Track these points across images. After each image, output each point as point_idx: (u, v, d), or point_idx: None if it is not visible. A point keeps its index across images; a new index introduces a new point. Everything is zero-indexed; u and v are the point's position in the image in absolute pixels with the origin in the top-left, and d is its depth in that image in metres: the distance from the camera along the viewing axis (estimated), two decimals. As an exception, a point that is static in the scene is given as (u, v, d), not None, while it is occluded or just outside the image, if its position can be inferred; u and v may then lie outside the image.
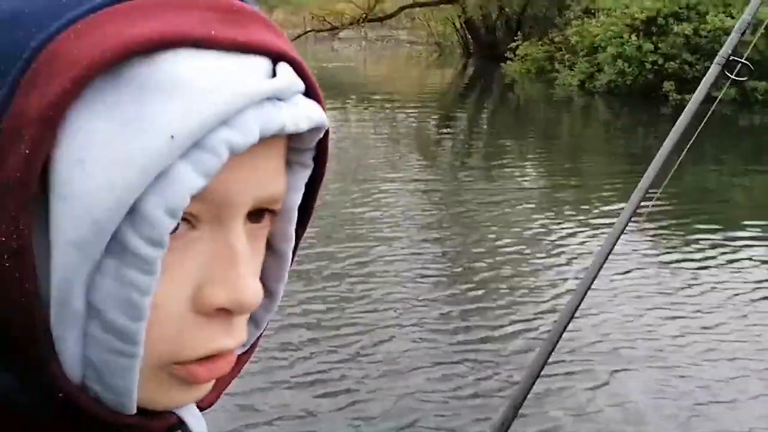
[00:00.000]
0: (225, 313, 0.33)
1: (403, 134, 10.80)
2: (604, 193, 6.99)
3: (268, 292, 0.38)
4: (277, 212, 0.36)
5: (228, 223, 0.33)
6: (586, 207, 6.46)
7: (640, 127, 11.32)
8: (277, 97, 0.32)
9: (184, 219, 0.31)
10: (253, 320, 0.38)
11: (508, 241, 5.37)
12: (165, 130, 0.29)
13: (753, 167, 8.57)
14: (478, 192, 6.97)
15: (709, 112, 1.76)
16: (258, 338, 0.39)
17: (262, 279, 0.36)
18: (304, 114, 0.33)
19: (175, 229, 0.31)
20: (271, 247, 0.37)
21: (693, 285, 4.60)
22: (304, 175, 0.36)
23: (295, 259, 0.39)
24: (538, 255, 5.05)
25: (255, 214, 0.34)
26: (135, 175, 0.29)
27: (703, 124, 1.80)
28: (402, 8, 22.20)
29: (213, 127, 0.30)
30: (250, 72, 0.32)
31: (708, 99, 1.78)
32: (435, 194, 6.83)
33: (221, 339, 0.33)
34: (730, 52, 1.76)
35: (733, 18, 10.84)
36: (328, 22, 21.31)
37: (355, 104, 13.86)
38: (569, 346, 3.64)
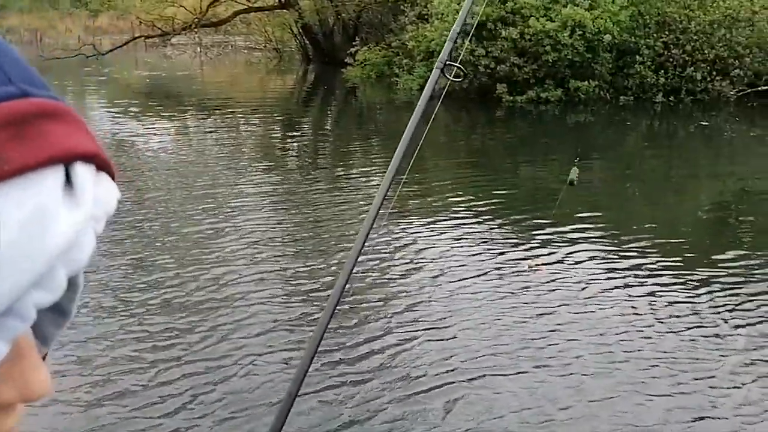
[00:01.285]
0: (13, 404, 0.31)
1: (247, 142, 10.45)
2: (447, 193, 7.16)
3: (60, 310, 0.34)
4: None
5: None
6: (431, 207, 6.58)
7: (478, 127, 11.75)
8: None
9: None
10: (41, 337, 0.34)
11: (352, 242, 5.35)
12: None
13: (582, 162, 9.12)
14: (325, 196, 6.93)
15: (436, 108, 2.05)
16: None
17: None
18: (102, 212, 0.30)
19: None
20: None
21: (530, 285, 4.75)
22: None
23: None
24: (386, 259, 5.07)
25: None
26: None
27: (432, 118, 2.09)
28: (236, 13, 21.49)
29: (22, 293, 0.27)
30: (54, 201, 0.27)
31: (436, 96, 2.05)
32: (281, 202, 6.74)
33: (4, 425, 0.31)
34: (446, 58, 1.97)
35: (552, 21, 11.55)
36: (158, 28, 20.05)
37: (194, 114, 13.33)
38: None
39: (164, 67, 22.25)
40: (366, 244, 1.94)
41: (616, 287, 4.67)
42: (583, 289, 4.65)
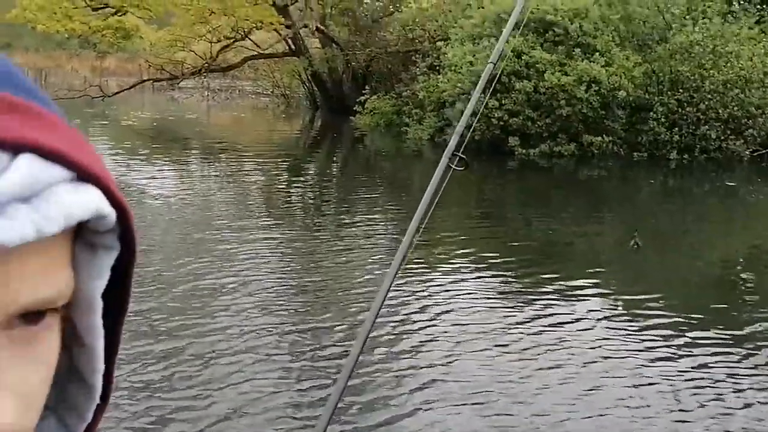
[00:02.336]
0: None
1: (252, 189, 10.31)
2: (457, 245, 6.99)
3: (86, 383, 0.35)
4: (72, 303, 0.32)
5: None
6: (440, 258, 6.41)
7: (490, 179, 11.59)
8: (16, 199, 0.27)
9: None
10: (74, 409, 0.35)
11: (362, 295, 5.28)
12: None
13: (594, 216, 8.93)
14: (330, 245, 6.80)
15: (440, 193, 2.20)
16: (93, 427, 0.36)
17: (79, 368, 0.34)
18: (57, 212, 0.28)
19: None
20: (76, 336, 0.34)
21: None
22: (108, 257, 0.32)
23: (121, 339, 0.36)
24: (396, 312, 4.94)
25: (33, 314, 0.30)
26: None
27: (434, 203, 2.20)
28: (246, 59, 21.66)
29: None
30: None
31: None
32: (285, 250, 6.61)
33: None
34: (453, 148, 2.23)
35: (568, 75, 11.54)
36: (167, 72, 20.14)
37: (200, 158, 13.26)
38: None
39: (171, 111, 22.30)
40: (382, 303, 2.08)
41: (626, 350, 4.47)
42: (593, 348, 4.47)
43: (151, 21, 20.38)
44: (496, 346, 4.45)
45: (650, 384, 3.98)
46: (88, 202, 0.29)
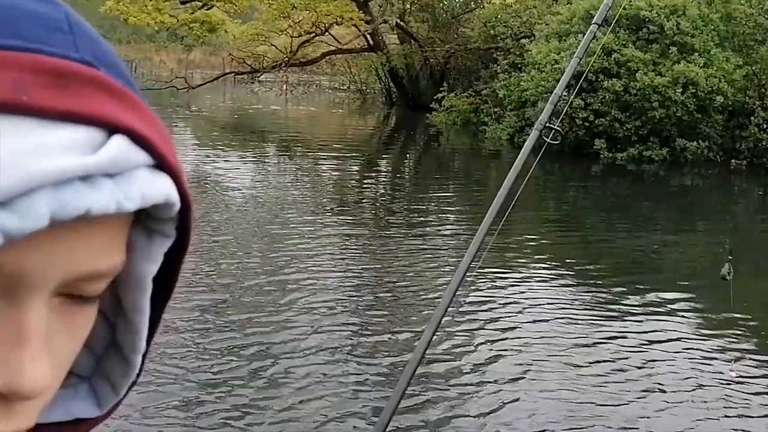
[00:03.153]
0: (2, 396, 0.29)
1: (325, 184, 10.23)
2: (533, 252, 6.70)
3: (125, 360, 0.36)
4: (122, 282, 0.34)
5: (20, 299, 0.29)
6: (510, 264, 6.17)
7: (572, 184, 11.11)
8: (104, 174, 0.29)
9: None
10: (111, 385, 0.37)
11: (430, 299, 5.15)
12: None
13: (684, 227, 8.37)
14: (401, 244, 6.68)
15: (529, 172, 2.05)
16: (116, 405, 0.37)
17: (120, 345, 0.36)
18: (136, 192, 0.30)
19: None
20: (123, 315, 0.35)
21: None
22: (163, 244, 0.34)
23: (159, 326, 0.37)
24: (467, 314, 4.85)
25: (83, 284, 0.31)
26: None
27: (527, 178, 2.09)
28: (325, 54, 21.74)
29: None
30: (64, 147, 0.28)
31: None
32: (355, 247, 6.50)
33: None
34: (546, 120, 2.03)
35: (662, 76, 10.89)
36: (248, 65, 20.48)
37: (275, 152, 13.42)
38: None
39: (250, 103, 22.68)
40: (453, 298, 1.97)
41: (717, 378, 4.11)
42: (676, 371, 4.16)
43: (235, 15, 20.77)
44: (571, 365, 4.15)
45: (746, 417, 3.61)
46: (163, 188, 0.31)
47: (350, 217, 7.84)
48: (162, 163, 0.31)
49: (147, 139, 0.30)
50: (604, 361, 4.23)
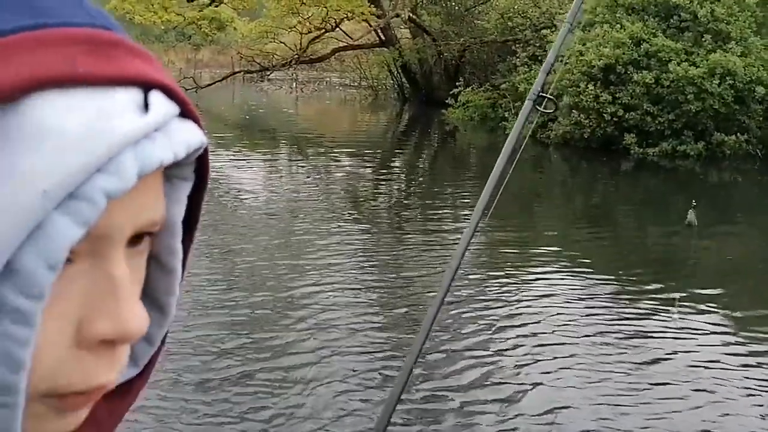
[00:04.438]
0: (109, 344, 0.32)
1: (338, 182, 9.94)
2: (551, 248, 6.42)
3: (159, 306, 0.38)
4: (159, 229, 0.36)
5: (107, 255, 0.32)
6: (532, 261, 6.03)
7: (600, 180, 10.54)
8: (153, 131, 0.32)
9: None
10: (146, 338, 0.38)
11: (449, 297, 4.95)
12: (37, 183, 0.28)
13: (722, 226, 7.80)
14: (417, 242, 6.51)
15: (525, 138, 2.04)
16: (155, 356, 0.39)
17: (153, 294, 0.37)
18: (181, 141, 0.33)
19: None
20: (158, 261, 0.37)
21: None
22: (185, 188, 0.36)
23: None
24: (477, 310, 4.79)
25: (135, 237, 0.34)
26: (9, 230, 0.28)
27: (521, 149, 2.12)
28: (335, 50, 21.25)
29: (87, 177, 0.29)
30: (123, 109, 0.31)
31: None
32: (370, 246, 6.42)
33: (104, 374, 0.32)
34: (539, 89, 2.04)
35: (697, 67, 10.26)
36: (257, 63, 20.01)
37: (286, 150, 13.23)
38: None
39: (260, 102, 22.32)
40: (453, 284, 2.06)
41: (734, 371, 3.96)
42: (710, 379, 3.94)
43: (243, 13, 20.29)
44: (594, 370, 3.95)
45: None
46: (196, 134, 0.34)
47: (364, 217, 7.65)
48: (187, 110, 0.33)
49: (174, 90, 0.33)
50: (631, 362, 4.07)
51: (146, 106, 0.31)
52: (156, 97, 0.32)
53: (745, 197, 9.48)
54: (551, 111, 2.02)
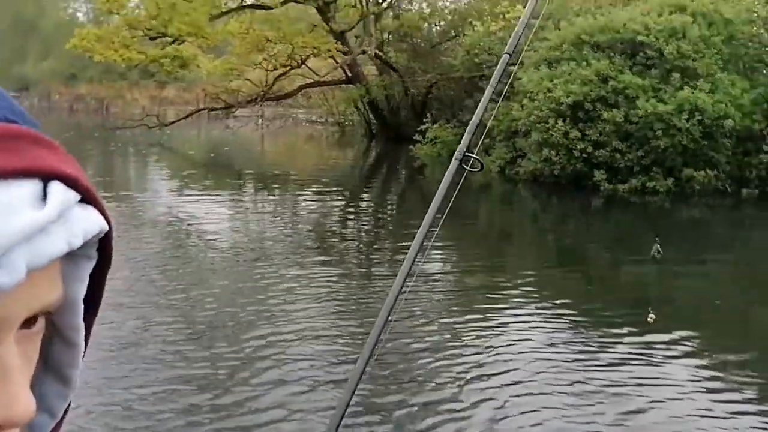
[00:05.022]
0: None
1: (305, 222, 9.73)
2: (524, 288, 6.29)
3: (63, 379, 0.38)
4: (55, 308, 0.36)
5: (1, 339, 0.32)
6: (506, 301, 5.94)
7: (571, 217, 10.41)
8: (53, 221, 0.32)
9: None
10: (48, 410, 0.38)
11: (419, 335, 4.97)
12: None
13: (694, 262, 7.68)
14: (385, 280, 6.34)
15: (453, 196, 2.06)
16: (57, 428, 0.40)
17: (56, 367, 0.38)
18: (79, 230, 0.34)
19: None
20: (61, 336, 0.38)
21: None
22: (88, 266, 0.37)
23: (82, 359, 0.39)
24: (448, 358, 4.64)
25: (29, 319, 0.34)
26: None
27: (449, 207, 2.11)
28: (302, 87, 21.07)
29: None
30: (20, 204, 0.31)
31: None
32: (339, 285, 6.29)
33: None
34: (464, 149, 2.08)
35: (665, 103, 10.27)
36: (223, 100, 19.71)
37: (253, 189, 13.03)
38: None
39: (226, 139, 21.98)
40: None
41: (715, 411, 3.85)
42: (671, 401, 3.92)
43: (208, 50, 20.04)
44: (567, 409, 3.84)
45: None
46: (96, 219, 0.35)
47: (331, 257, 7.44)
48: (88, 197, 0.34)
49: (75, 178, 0.33)
50: (602, 394, 4.04)
51: (45, 196, 0.32)
52: (55, 188, 0.32)
53: (715, 233, 9.41)
54: (477, 170, 2.07)
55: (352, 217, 10.37)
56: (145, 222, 9.16)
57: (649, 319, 5.19)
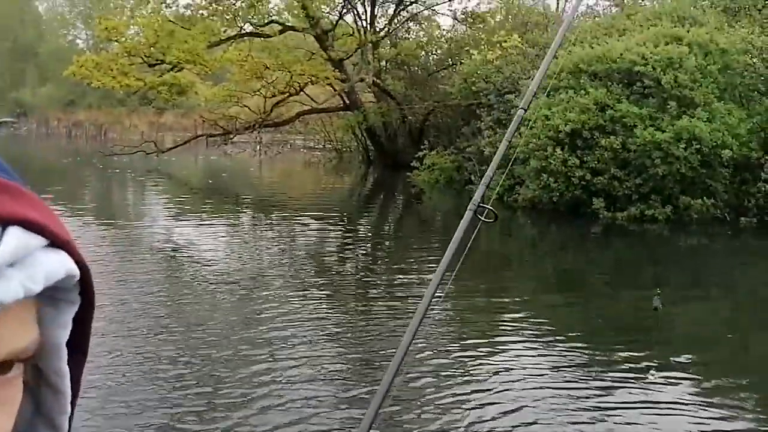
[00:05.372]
0: None
1: (303, 249, 9.59)
2: (522, 316, 6.20)
3: (53, 426, 0.38)
4: (38, 354, 0.36)
5: None
6: (504, 329, 5.89)
7: (569, 245, 10.37)
8: (8, 264, 0.32)
9: None
10: None
11: (417, 363, 4.87)
12: None
13: (693, 291, 7.63)
14: (382, 309, 6.29)
15: (468, 244, 2.05)
16: None
17: (47, 413, 0.38)
18: (40, 274, 0.33)
19: None
20: (48, 383, 0.38)
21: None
22: (70, 311, 0.37)
23: (81, 390, 0.39)
24: (448, 381, 4.62)
25: (2, 365, 0.34)
26: None
27: (463, 256, 2.10)
28: (300, 114, 21.17)
29: None
30: None
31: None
32: (335, 315, 6.23)
33: None
34: (479, 200, 2.10)
35: (663, 131, 10.30)
36: (221, 127, 19.76)
37: (251, 216, 12.92)
38: None
39: (224, 165, 21.99)
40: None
41: None
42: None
43: (206, 77, 20.16)
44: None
45: None
46: (63, 264, 0.34)
47: (329, 284, 7.36)
48: (57, 242, 0.34)
49: (38, 223, 0.33)
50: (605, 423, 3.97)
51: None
52: (12, 233, 0.32)
53: (714, 262, 9.37)
54: (491, 221, 2.06)
55: (348, 243, 10.31)
56: (143, 248, 9.09)
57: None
